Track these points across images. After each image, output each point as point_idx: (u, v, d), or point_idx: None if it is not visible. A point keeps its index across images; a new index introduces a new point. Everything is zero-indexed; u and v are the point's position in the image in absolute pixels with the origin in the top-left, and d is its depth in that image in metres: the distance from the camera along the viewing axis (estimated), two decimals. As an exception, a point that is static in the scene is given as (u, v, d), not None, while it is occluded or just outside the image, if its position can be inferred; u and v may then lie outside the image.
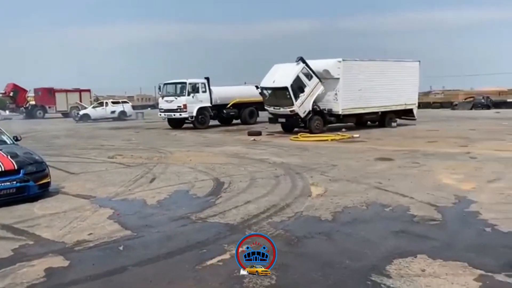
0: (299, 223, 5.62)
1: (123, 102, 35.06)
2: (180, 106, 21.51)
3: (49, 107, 37.97)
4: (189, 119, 21.79)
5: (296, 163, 10.22)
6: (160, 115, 23.10)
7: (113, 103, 33.95)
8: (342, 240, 5.03)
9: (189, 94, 21.51)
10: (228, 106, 23.30)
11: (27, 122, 32.15)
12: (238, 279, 3.94)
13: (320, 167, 9.61)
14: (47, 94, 38.12)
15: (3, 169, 6.72)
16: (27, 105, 38.76)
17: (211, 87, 22.50)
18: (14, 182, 6.75)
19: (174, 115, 21.95)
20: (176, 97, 21.77)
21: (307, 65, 17.46)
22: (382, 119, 19.96)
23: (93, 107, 32.97)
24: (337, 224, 5.59)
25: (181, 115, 21.70)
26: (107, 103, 33.53)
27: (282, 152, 12.55)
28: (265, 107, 19.22)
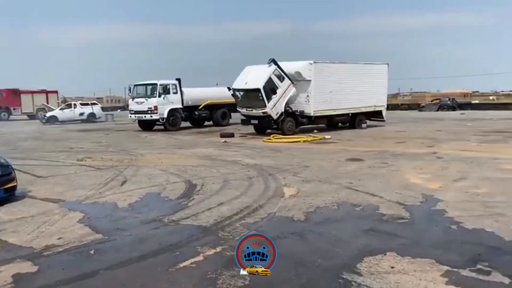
0: (272, 224, 5.66)
1: (92, 103, 34.34)
2: (150, 107, 21.28)
3: (14, 109, 36.84)
4: (160, 120, 21.56)
5: (269, 165, 10.28)
6: (130, 117, 22.76)
7: (82, 104, 33.20)
8: (314, 239, 5.10)
9: (160, 95, 21.30)
10: (200, 107, 23.20)
11: (-10, 124, 31.06)
12: (211, 280, 3.95)
13: (292, 168, 9.70)
14: (12, 95, 36.93)
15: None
16: (-10, 107, 37.50)
17: (183, 89, 22.36)
18: (-22, 186, 6.52)
19: (144, 116, 21.68)
20: (146, 99, 21.52)
21: (279, 67, 17.58)
22: (352, 121, 20.33)
23: (61, 109, 32.13)
24: (310, 224, 5.66)
25: (151, 116, 21.45)
26: (75, 104, 32.76)
27: (255, 153, 12.60)
28: (238, 109, 19.24)
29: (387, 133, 18.18)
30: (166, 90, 21.66)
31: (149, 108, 21.32)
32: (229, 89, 19.12)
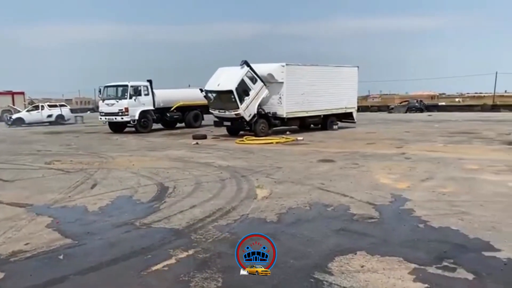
0: (244, 226, 5.68)
1: (61, 105, 33.54)
2: (121, 109, 20.97)
3: (-23, 111, 35.57)
4: (131, 122, 21.27)
5: (241, 166, 10.31)
6: (100, 118, 22.37)
7: (50, 106, 32.36)
8: (286, 240, 5.15)
9: (131, 97, 21.03)
10: (172, 109, 23.02)
11: (-48, 126, 29.86)
12: (184, 283, 3.95)
13: (265, 170, 9.76)
14: (-25, 96, 35.68)
15: None
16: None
17: (154, 90, 22.12)
18: None
19: (115, 118, 21.34)
20: (117, 100, 21.20)
21: (251, 68, 17.66)
22: (324, 122, 20.60)
23: (28, 111, 31.21)
24: (282, 225, 5.72)
25: (122, 118, 21.15)
26: (43, 106, 31.89)
27: (227, 155, 12.60)
28: (210, 110, 19.19)
29: (358, 134, 18.51)
30: (137, 91, 21.40)
31: (120, 110, 21.01)
32: (202, 90, 19.04)
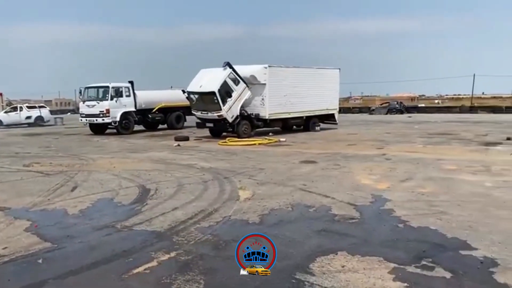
0: (227, 227, 5.69)
1: (40, 106, 33.04)
2: (102, 111, 20.77)
3: (-47, 112, 34.67)
4: (112, 124, 21.08)
5: (224, 168, 10.30)
6: (81, 120, 22.09)
7: (29, 107, 31.86)
8: (268, 241, 5.16)
9: (112, 98, 20.86)
10: (153, 110, 22.87)
11: None
12: (166, 286, 3.94)
13: (248, 171, 9.78)
14: (-49, 97, 34.82)
15: None
16: None
17: (136, 91, 21.97)
18: None
19: (96, 120, 21.13)
20: (98, 102, 21.00)
21: (234, 70, 17.67)
22: (306, 124, 20.74)
23: (5, 112, 30.64)
24: (264, 226, 5.74)
25: (103, 120, 20.95)
26: (21, 107, 31.37)
27: (210, 157, 12.57)
28: (193, 112, 19.15)
29: (340, 135, 18.69)
30: (118, 93, 21.23)
31: (101, 111, 20.80)
32: (184, 92, 18.99)
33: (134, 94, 21.82)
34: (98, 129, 21.78)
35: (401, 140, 16.29)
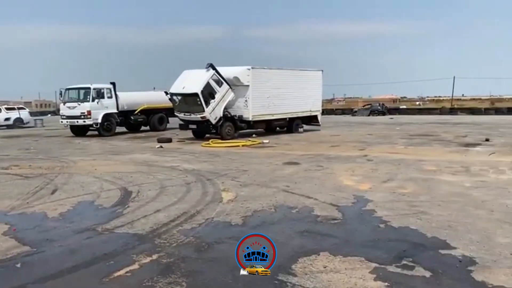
0: (209, 229, 5.67)
1: (19, 108, 32.38)
2: (83, 112, 20.48)
3: None
4: (94, 126, 20.81)
5: (207, 170, 10.27)
6: (61, 122, 21.75)
7: (7, 109, 31.17)
8: (251, 243, 5.17)
9: (93, 100, 20.60)
10: (136, 112, 22.66)
11: None
12: (147, 288, 3.90)
13: (231, 173, 9.76)
14: None
15: None
16: None
17: (118, 93, 21.75)
18: None
19: (77, 122, 20.83)
20: (79, 103, 20.70)
21: (217, 71, 17.63)
22: (289, 125, 20.82)
23: (-17, 114, 29.96)
24: (247, 227, 5.73)
25: (85, 122, 20.66)
26: (0, 109, 30.70)
27: (193, 158, 12.52)
28: (175, 114, 19.05)
29: (323, 137, 18.81)
30: (100, 94, 20.98)
31: (82, 113, 20.52)
32: (167, 93, 18.87)
33: (116, 95, 21.59)
34: (79, 131, 21.47)
35: (382, 141, 16.48)
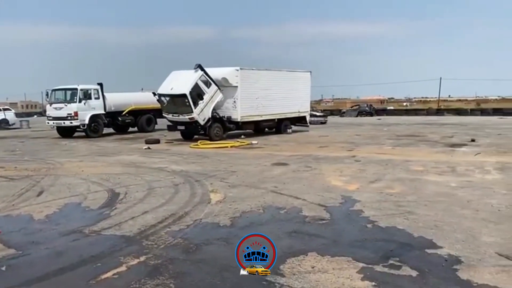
0: (198, 231, 5.65)
1: (5, 109, 32.02)
2: (70, 113, 20.30)
3: None
4: (81, 127, 20.62)
5: (195, 171, 10.24)
6: (48, 123, 21.50)
7: (-8, 110, 30.79)
8: (239, 244, 5.16)
9: (80, 100, 20.43)
10: (123, 113, 22.51)
11: None
12: (135, 290, 3.88)
13: (219, 174, 9.75)
14: None
15: None
16: None
17: (105, 93, 21.59)
18: None
19: (64, 123, 20.62)
20: (66, 104, 20.50)
21: (205, 72, 17.59)
22: (278, 126, 20.88)
23: (-32, 115, 29.53)
24: (235, 228, 5.73)
25: (71, 123, 20.47)
26: (-16, 110, 30.29)
27: (181, 160, 12.47)
28: (164, 115, 18.96)
29: (311, 138, 18.89)
30: (87, 95, 20.82)
31: (68, 114, 20.33)
32: (155, 94, 18.78)
33: (103, 96, 21.43)
34: (66, 132, 21.26)
35: (370, 142, 16.61)
